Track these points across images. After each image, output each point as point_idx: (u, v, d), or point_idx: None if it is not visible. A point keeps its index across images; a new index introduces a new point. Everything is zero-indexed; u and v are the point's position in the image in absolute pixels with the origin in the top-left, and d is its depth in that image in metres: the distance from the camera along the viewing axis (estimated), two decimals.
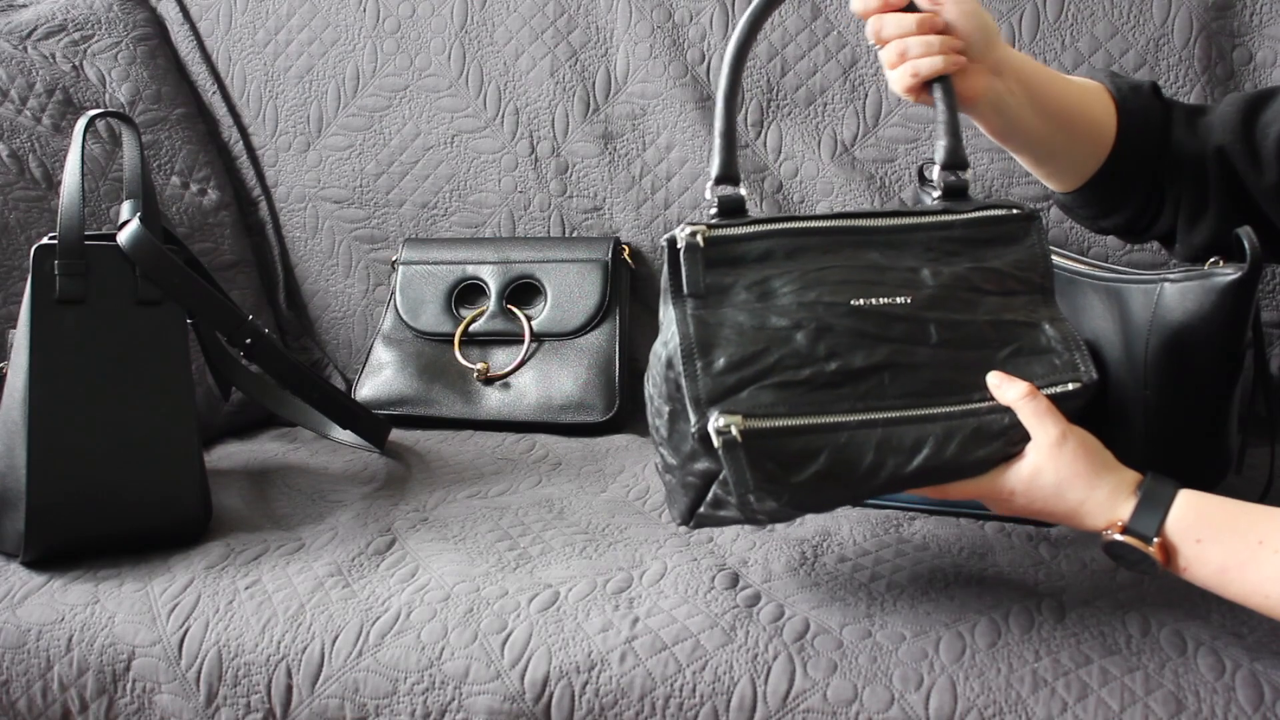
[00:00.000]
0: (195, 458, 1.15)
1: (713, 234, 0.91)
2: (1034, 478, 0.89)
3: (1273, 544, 0.83)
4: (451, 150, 1.59)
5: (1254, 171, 1.04)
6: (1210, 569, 0.85)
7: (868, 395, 0.89)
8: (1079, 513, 0.89)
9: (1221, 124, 1.06)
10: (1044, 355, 0.92)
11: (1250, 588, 0.84)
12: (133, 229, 1.13)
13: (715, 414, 0.87)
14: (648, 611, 0.98)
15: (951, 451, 0.89)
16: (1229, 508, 0.87)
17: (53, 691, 1.04)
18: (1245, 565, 0.84)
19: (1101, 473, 0.89)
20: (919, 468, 0.89)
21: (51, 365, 1.09)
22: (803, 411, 0.88)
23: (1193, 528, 0.86)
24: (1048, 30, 1.42)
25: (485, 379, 1.50)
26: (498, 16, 1.58)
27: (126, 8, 1.67)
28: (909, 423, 0.89)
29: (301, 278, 1.66)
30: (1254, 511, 0.86)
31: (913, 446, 0.88)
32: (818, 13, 1.48)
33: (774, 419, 0.87)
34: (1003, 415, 0.89)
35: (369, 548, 1.11)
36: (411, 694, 0.97)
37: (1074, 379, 0.91)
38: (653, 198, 1.53)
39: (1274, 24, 1.37)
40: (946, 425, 0.89)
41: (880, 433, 0.88)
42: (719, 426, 0.86)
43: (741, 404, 0.88)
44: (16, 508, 1.08)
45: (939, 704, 0.89)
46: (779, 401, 0.88)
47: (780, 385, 0.88)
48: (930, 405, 0.89)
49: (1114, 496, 0.88)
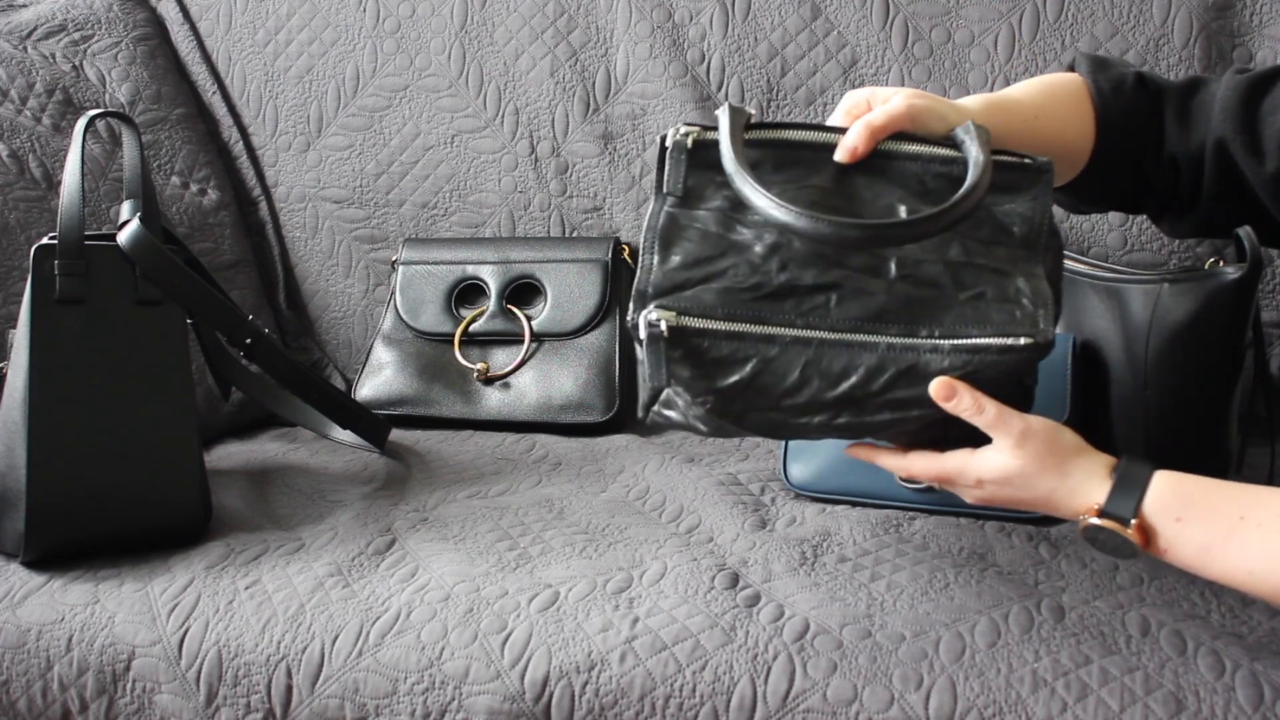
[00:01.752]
0: (195, 458, 1.15)
1: (703, 137, 0.91)
2: (1000, 471, 0.89)
3: (1255, 518, 0.82)
4: (451, 150, 1.59)
5: (1254, 161, 1.00)
6: (1191, 548, 0.84)
7: (809, 313, 0.88)
8: (1051, 500, 0.89)
9: (1222, 111, 1.01)
10: (1006, 304, 0.88)
11: (1233, 565, 0.83)
12: (133, 229, 1.13)
13: (652, 306, 0.88)
14: (648, 611, 0.98)
15: (879, 384, 0.87)
16: (1206, 485, 0.86)
17: (53, 691, 1.04)
18: (1227, 542, 0.83)
19: (1070, 459, 0.88)
20: (842, 395, 0.88)
21: (51, 365, 1.09)
22: (739, 317, 0.88)
23: (1171, 507, 0.85)
24: (1048, 30, 1.42)
25: (485, 379, 1.50)
26: (498, 16, 1.58)
27: (126, 8, 1.67)
28: (843, 347, 0.87)
29: (301, 278, 1.66)
30: (1232, 488, 0.85)
31: (841, 372, 0.87)
32: (818, 13, 1.48)
33: (708, 320, 0.87)
34: (942, 358, 0.87)
35: (369, 548, 1.11)
36: (411, 694, 0.97)
37: (1028, 334, 0.86)
38: (653, 198, 1.53)
39: (1274, 24, 1.37)
40: (882, 356, 0.87)
41: (812, 352, 0.87)
42: (650, 319, 0.87)
43: (682, 301, 0.88)
44: (16, 508, 1.09)
45: (939, 704, 0.89)
46: (719, 304, 0.88)
47: (725, 290, 0.88)
48: (870, 334, 0.87)
49: (1087, 481, 0.87)
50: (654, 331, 0.87)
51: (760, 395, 0.89)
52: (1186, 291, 1.09)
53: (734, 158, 0.88)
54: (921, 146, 0.91)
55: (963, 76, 1.44)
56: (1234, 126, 1.01)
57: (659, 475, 1.27)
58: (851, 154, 0.90)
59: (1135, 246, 1.38)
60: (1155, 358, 1.09)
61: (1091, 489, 0.87)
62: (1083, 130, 1.03)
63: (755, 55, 1.49)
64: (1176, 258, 1.37)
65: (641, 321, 0.88)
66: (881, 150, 0.91)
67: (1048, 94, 1.03)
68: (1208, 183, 1.03)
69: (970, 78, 1.43)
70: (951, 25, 1.44)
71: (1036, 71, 1.41)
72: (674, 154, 0.92)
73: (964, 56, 1.44)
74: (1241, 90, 1.02)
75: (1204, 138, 1.03)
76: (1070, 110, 1.03)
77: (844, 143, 0.90)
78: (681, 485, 1.23)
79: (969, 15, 1.44)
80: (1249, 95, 1.01)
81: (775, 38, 1.49)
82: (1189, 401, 1.10)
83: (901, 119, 0.91)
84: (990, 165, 0.88)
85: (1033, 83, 1.06)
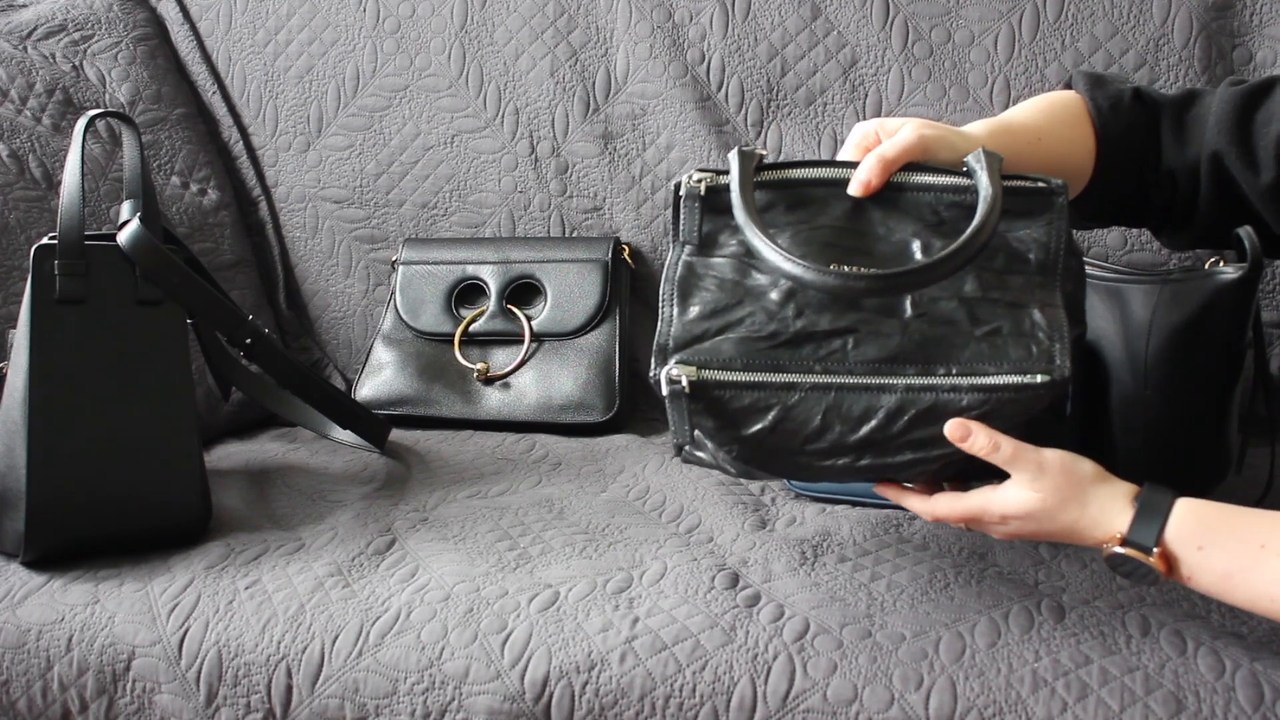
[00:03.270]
0: (195, 458, 1.15)
1: (715, 183, 0.92)
2: (1021, 506, 0.89)
3: (1274, 547, 0.83)
4: (451, 150, 1.59)
5: (1250, 173, 1.01)
6: (1214, 576, 0.85)
7: (827, 358, 0.88)
8: (1075, 531, 0.89)
9: (1217, 124, 1.02)
10: (1022, 340, 0.88)
11: (1257, 592, 0.84)
12: (133, 229, 1.13)
13: (673, 362, 0.89)
14: (648, 611, 0.98)
15: (900, 426, 0.88)
16: (1228, 513, 0.86)
17: (53, 691, 1.04)
18: (1249, 570, 0.83)
19: (1089, 488, 0.88)
20: (864, 438, 0.88)
21: (51, 365, 1.09)
22: (758, 367, 0.89)
23: (1193, 535, 0.85)
24: (1048, 30, 1.42)
25: (485, 379, 1.50)
26: (498, 16, 1.58)
27: (126, 8, 1.67)
28: (863, 390, 0.88)
29: (301, 278, 1.66)
30: (1253, 515, 0.85)
31: (861, 415, 0.88)
32: (818, 13, 1.48)
33: (728, 372, 0.88)
34: (961, 396, 0.87)
35: (369, 548, 1.11)
36: (411, 694, 0.97)
37: (1044, 371, 0.87)
38: (653, 198, 1.53)
39: (1274, 24, 1.37)
40: (901, 398, 0.88)
41: (832, 397, 0.88)
42: (671, 375, 0.88)
43: (702, 353, 0.89)
44: (16, 508, 1.08)
45: (939, 704, 0.89)
46: (737, 355, 0.89)
47: (743, 339, 0.89)
48: (888, 375, 0.88)
49: (1108, 510, 0.88)
50: (675, 389, 0.88)
51: (784, 441, 0.89)
52: (1186, 291, 1.09)
53: (744, 207, 0.88)
54: (934, 177, 0.91)
55: (963, 76, 1.44)
56: (1229, 139, 1.01)
57: (659, 475, 1.27)
58: (865, 188, 0.90)
59: (1135, 247, 1.38)
60: (1155, 358, 1.09)
61: (1113, 517, 0.87)
62: (1084, 149, 1.03)
63: (755, 55, 1.49)
64: (1177, 258, 1.37)
65: (663, 378, 0.88)
66: (894, 182, 0.91)
67: (1049, 115, 1.04)
68: (1204, 195, 1.04)
69: (970, 78, 1.43)
70: (951, 25, 1.44)
71: (1036, 72, 1.41)
72: (688, 202, 0.92)
73: (964, 56, 1.44)
74: (1235, 102, 1.02)
75: (1199, 151, 1.04)
76: (1072, 129, 1.04)
77: (857, 176, 0.91)
78: (681, 485, 1.23)
79: (969, 15, 1.44)
80: (1243, 107, 1.02)
81: (775, 38, 1.49)
82: (1189, 401, 1.10)
83: (913, 150, 0.91)
84: (1000, 198, 0.88)
85: (1033, 103, 1.06)
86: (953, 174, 0.91)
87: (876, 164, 0.90)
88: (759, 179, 0.91)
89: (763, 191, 0.91)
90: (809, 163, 0.92)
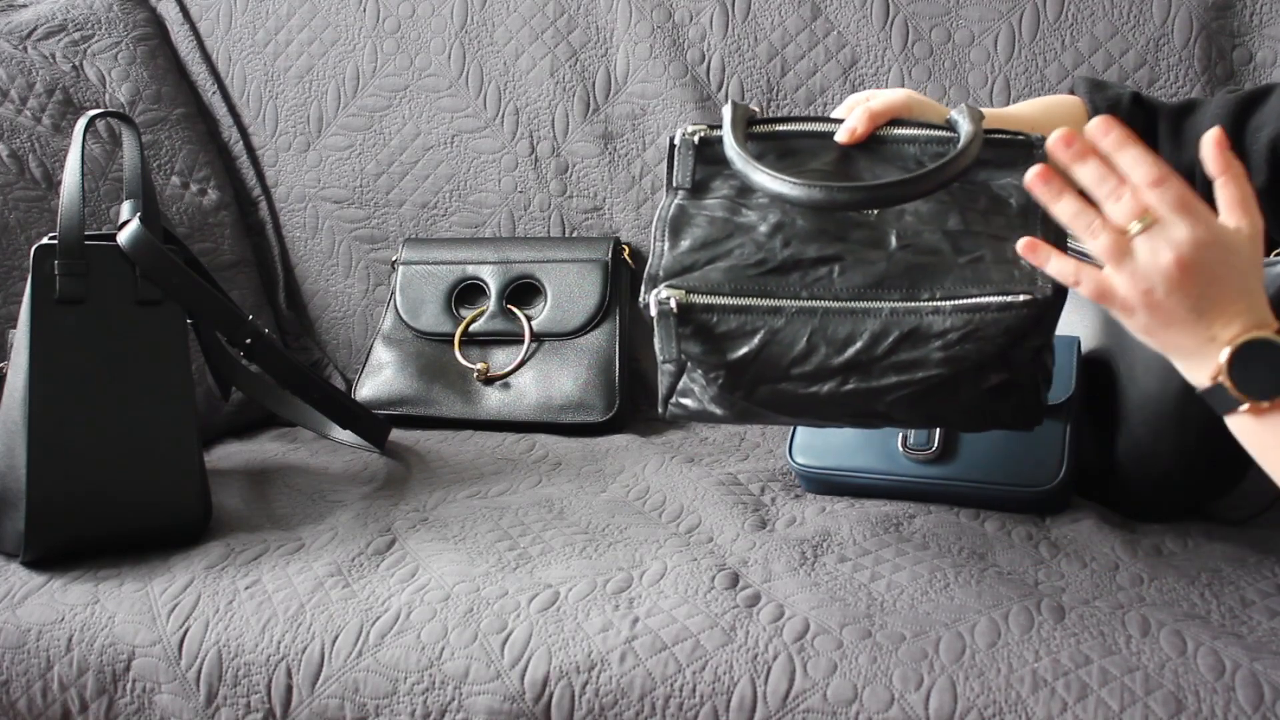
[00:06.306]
0: (195, 458, 1.15)
1: (710, 134, 0.96)
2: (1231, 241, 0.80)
3: None
4: (451, 150, 1.59)
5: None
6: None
7: (813, 284, 0.91)
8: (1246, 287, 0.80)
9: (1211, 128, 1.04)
10: (1004, 265, 0.89)
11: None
12: (133, 229, 1.13)
13: (662, 287, 0.92)
14: (648, 611, 0.98)
15: (884, 349, 0.90)
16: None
17: (53, 691, 1.04)
18: None
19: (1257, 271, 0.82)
20: (848, 361, 0.90)
21: (51, 365, 1.09)
22: (745, 292, 0.91)
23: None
24: (1048, 30, 1.42)
25: (485, 379, 1.50)
26: (498, 16, 1.58)
27: (126, 8, 1.67)
28: (848, 314, 0.90)
29: (301, 278, 1.66)
30: None
31: (846, 339, 0.90)
32: (818, 13, 1.48)
33: (715, 296, 0.91)
34: (944, 319, 0.89)
35: (369, 548, 1.11)
36: (411, 694, 0.97)
37: (1026, 290, 0.88)
38: (653, 198, 1.53)
39: (1274, 24, 1.37)
40: (885, 321, 0.90)
41: (818, 320, 0.90)
42: (660, 297, 0.91)
43: (690, 280, 0.92)
44: (16, 508, 1.09)
45: (939, 704, 0.89)
46: (725, 281, 0.92)
47: (731, 267, 0.92)
48: (873, 300, 0.90)
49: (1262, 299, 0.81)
50: (664, 309, 0.91)
51: (769, 366, 0.92)
52: None
53: (735, 143, 0.92)
54: (918, 130, 0.94)
55: (963, 76, 1.44)
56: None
57: (659, 475, 1.27)
58: (851, 134, 0.93)
59: None
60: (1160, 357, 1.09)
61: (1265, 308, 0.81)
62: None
63: (755, 55, 1.49)
64: None
65: (652, 300, 0.92)
66: (879, 135, 0.94)
67: (1046, 112, 1.06)
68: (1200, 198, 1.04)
69: (970, 78, 1.43)
70: (951, 25, 1.44)
71: (1036, 72, 1.41)
72: (682, 150, 0.96)
73: (964, 56, 1.44)
74: (1231, 108, 1.05)
75: (1195, 155, 1.04)
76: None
77: (844, 125, 0.94)
78: (681, 485, 1.23)
79: (969, 15, 1.44)
80: (1238, 113, 1.05)
81: (775, 38, 1.49)
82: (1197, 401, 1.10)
83: (900, 106, 0.95)
84: (981, 134, 0.91)
85: (1033, 102, 1.09)
86: (937, 127, 0.94)
87: (863, 114, 0.94)
88: (752, 132, 0.95)
89: (754, 143, 0.95)
90: (798, 118, 0.96)
